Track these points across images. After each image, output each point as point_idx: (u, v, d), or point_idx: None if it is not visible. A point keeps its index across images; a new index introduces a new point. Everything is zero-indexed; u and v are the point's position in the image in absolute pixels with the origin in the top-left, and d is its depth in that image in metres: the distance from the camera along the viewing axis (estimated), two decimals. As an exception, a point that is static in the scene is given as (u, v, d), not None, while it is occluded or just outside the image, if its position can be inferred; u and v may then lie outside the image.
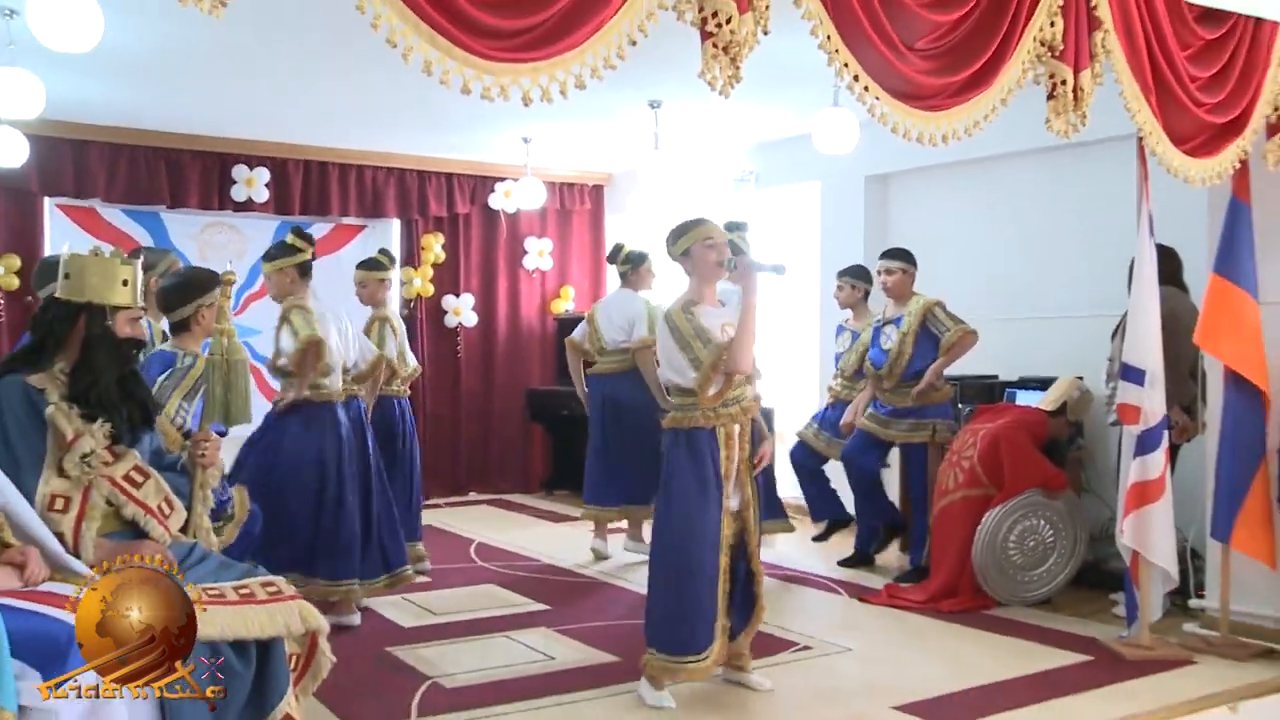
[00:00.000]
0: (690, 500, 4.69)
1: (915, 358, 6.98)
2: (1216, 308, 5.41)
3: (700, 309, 4.80)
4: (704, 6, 3.36)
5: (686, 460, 4.72)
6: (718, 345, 4.65)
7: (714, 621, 4.66)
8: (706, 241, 4.84)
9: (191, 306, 4.94)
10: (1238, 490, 5.36)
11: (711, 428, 4.70)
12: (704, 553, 4.66)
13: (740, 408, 4.76)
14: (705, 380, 4.65)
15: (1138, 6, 4.40)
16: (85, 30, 4.76)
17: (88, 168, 9.12)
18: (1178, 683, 5.00)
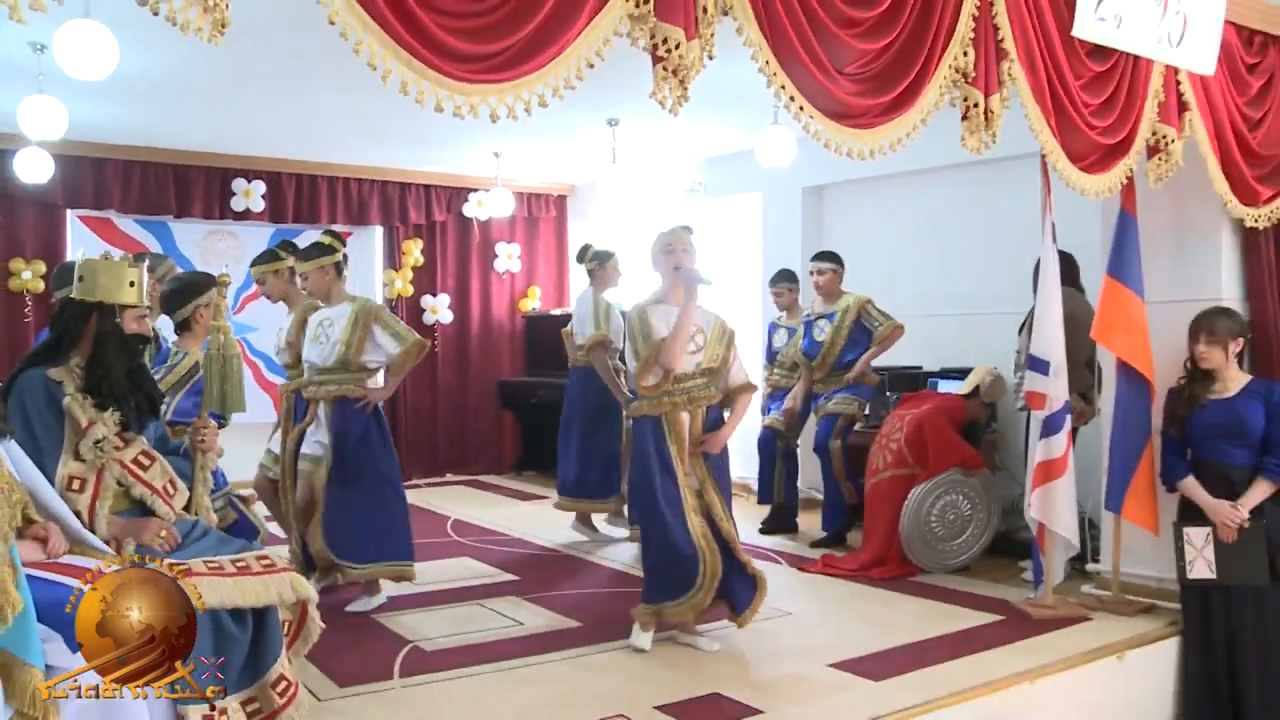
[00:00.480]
0: (648, 479, 4.80)
1: (846, 349, 7.11)
2: (1109, 307, 5.48)
3: (657, 308, 4.90)
4: (655, 33, 3.35)
5: (640, 442, 4.86)
6: (653, 342, 4.75)
7: (696, 567, 4.73)
8: (666, 248, 4.94)
9: (190, 307, 4.92)
10: (1128, 467, 5.42)
11: (657, 415, 4.79)
12: (666, 518, 4.74)
13: (687, 397, 4.81)
14: (640, 372, 4.80)
15: (1038, 41, 4.45)
16: (103, 60, 4.76)
17: (105, 182, 9.09)
18: (1076, 637, 5.07)
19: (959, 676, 4.50)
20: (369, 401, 5.60)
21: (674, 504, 4.76)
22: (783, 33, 3.67)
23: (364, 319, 5.60)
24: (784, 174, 7.65)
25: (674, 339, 4.75)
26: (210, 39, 2.64)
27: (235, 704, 3.28)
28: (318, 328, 5.67)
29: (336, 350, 5.55)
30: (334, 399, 5.58)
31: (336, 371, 5.58)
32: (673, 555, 4.76)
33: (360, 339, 5.58)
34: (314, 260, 5.73)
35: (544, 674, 4.59)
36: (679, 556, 4.74)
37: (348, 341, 5.55)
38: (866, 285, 7.62)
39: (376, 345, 5.62)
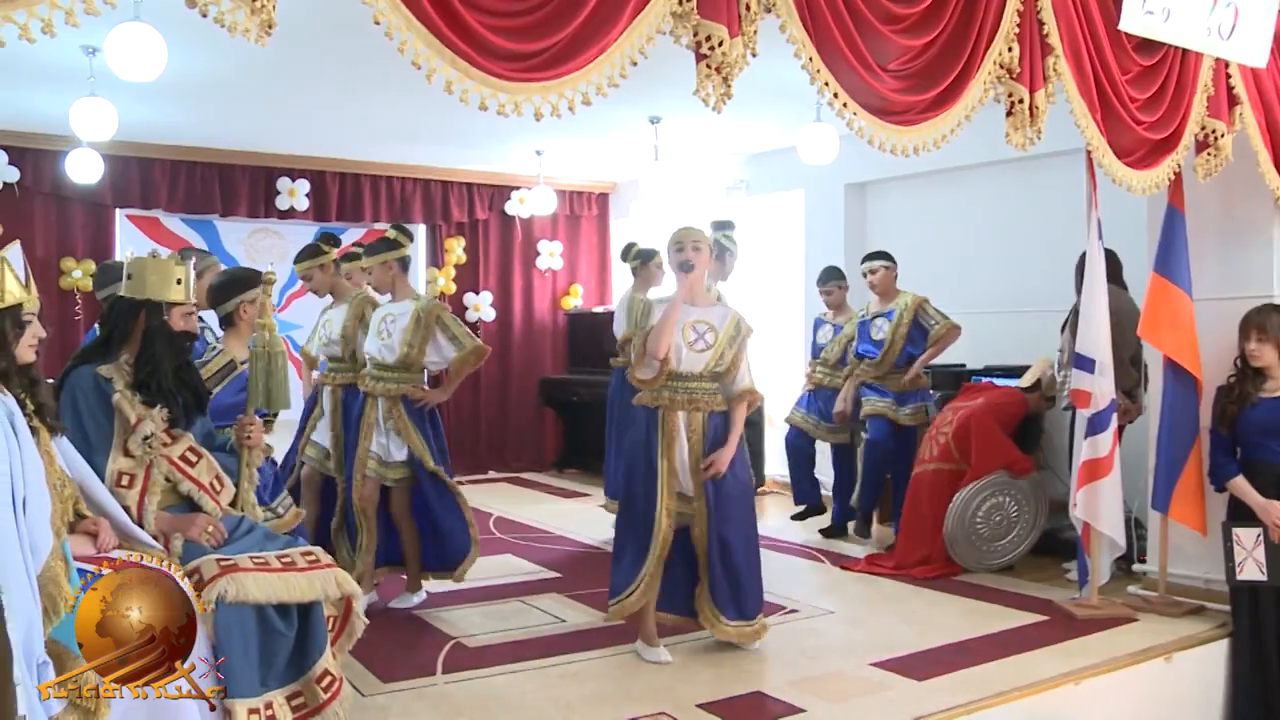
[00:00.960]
0: (632, 471, 4.79)
1: (906, 347, 7.04)
2: (1156, 304, 5.42)
3: (663, 303, 4.84)
4: (698, 31, 3.35)
5: (632, 433, 4.84)
6: (640, 330, 4.75)
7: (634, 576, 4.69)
8: (675, 246, 4.85)
9: (234, 302, 4.92)
10: (1175, 466, 5.37)
11: (655, 407, 4.73)
12: (640, 517, 4.71)
13: (688, 397, 4.70)
14: (635, 364, 4.78)
15: (1084, 35, 4.41)
16: (153, 62, 4.84)
17: (152, 182, 9.23)
18: (1122, 638, 5.02)
19: (1003, 677, 4.47)
20: (427, 403, 5.55)
21: (647, 504, 4.68)
22: (826, 29, 3.66)
23: (426, 320, 5.51)
24: (826, 171, 7.61)
25: (659, 328, 4.65)
26: (257, 39, 2.66)
27: (281, 698, 3.33)
28: (381, 323, 5.58)
29: (400, 350, 5.47)
30: (394, 397, 5.49)
31: (397, 370, 5.49)
32: (620, 555, 4.78)
33: (422, 340, 5.50)
34: (379, 255, 5.68)
35: (586, 671, 4.60)
36: (624, 557, 4.74)
37: (410, 342, 5.46)
38: (910, 282, 7.57)
39: (437, 347, 5.56)
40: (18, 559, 2.62)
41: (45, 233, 8.80)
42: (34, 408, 2.92)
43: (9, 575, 2.54)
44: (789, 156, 7.76)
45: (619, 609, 4.74)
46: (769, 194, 9.72)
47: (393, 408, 5.48)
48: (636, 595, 4.69)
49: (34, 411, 2.92)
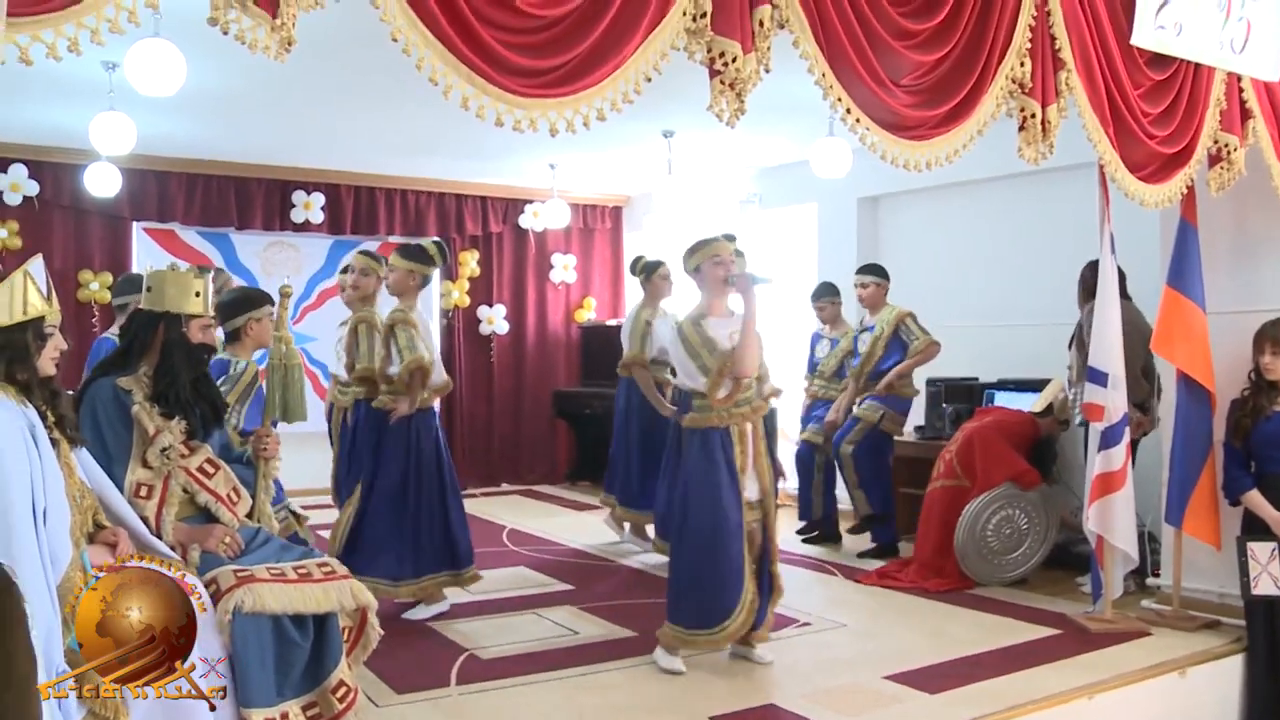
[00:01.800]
0: (710, 491, 4.69)
1: (883, 359, 7.12)
2: (1169, 317, 5.43)
3: (708, 321, 4.82)
4: (712, 47, 3.38)
5: (701, 456, 4.73)
6: (723, 352, 4.68)
7: (737, 598, 4.66)
8: (714, 259, 4.87)
9: (243, 318, 4.95)
10: (1188, 480, 5.36)
11: (725, 427, 4.72)
12: (727, 538, 4.65)
13: (751, 407, 4.78)
14: (714, 385, 4.68)
15: (1096, 50, 4.42)
16: (172, 77, 4.90)
17: (169, 195, 9.30)
18: (1135, 652, 5.01)
19: (1016, 691, 4.46)
20: (398, 415, 5.59)
21: (737, 524, 4.68)
22: (839, 45, 3.69)
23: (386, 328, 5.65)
24: (839, 184, 7.64)
25: (745, 345, 4.66)
26: (277, 56, 2.70)
27: (296, 708, 3.35)
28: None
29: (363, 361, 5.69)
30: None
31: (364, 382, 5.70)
32: (718, 580, 4.66)
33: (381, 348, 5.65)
34: (409, 261, 5.71)
35: (599, 682, 4.61)
36: (724, 583, 4.66)
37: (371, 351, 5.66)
38: (922, 296, 7.59)
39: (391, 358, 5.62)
40: (38, 569, 2.65)
41: (63, 245, 8.87)
42: (54, 419, 2.95)
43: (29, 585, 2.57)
44: (802, 170, 7.79)
45: (729, 633, 4.68)
46: (782, 207, 9.74)
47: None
48: (745, 618, 4.69)
49: (54, 423, 2.95)
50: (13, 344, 2.83)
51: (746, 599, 4.68)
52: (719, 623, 4.66)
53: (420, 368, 5.55)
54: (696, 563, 4.72)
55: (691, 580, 4.73)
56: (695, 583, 4.72)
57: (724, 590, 4.66)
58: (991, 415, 6.73)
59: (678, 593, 4.80)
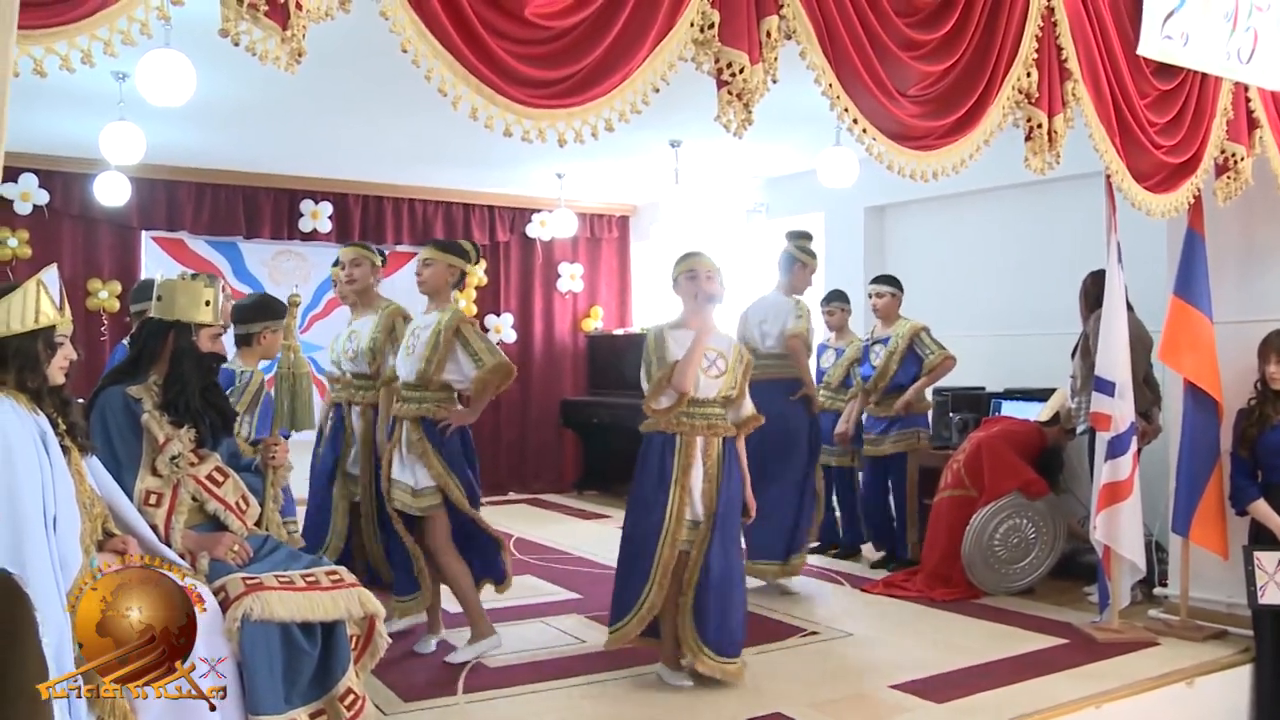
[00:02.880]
0: (638, 492, 4.75)
1: (898, 374, 7.10)
2: (1176, 327, 5.43)
3: (676, 333, 4.81)
4: (720, 58, 3.40)
5: (643, 461, 4.78)
6: (667, 365, 4.69)
7: (635, 600, 4.66)
8: (688, 273, 4.84)
9: (259, 326, 4.96)
10: (1195, 489, 5.36)
11: (671, 433, 4.70)
12: (644, 543, 4.67)
13: (706, 423, 4.69)
14: (651, 394, 4.74)
15: (1102, 60, 4.43)
16: (181, 87, 4.92)
17: (178, 204, 9.36)
18: (1143, 662, 5.01)
19: (1023, 700, 4.46)
20: (450, 425, 5.05)
21: (655, 531, 4.64)
22: (845, 56, 3.70)
23: (446, 333, 5.02)
24: (846, 194, 7.66)
25: (686, 362, 4.63)
26: (287, 67, 2.72)
27: (305, 716, 3.36)
28: (410, 338, 5.18)
29: (419, 366, 5.03)
30: (414, 419, 5.05)
31: (418, 389, 5.05)
32: (622, 579, 4.75)
33: (441, 356, 5.02)
34: (450, 254, 5.23)
35: (607, 692, 4.61)
36: (626, 585, 4.72)
37: (427, 357, 5.02)
38: (928, 305, 7.59)
39: (456, 364, 5.06)
40: (49, 576, 2.66)
41: (72, 254, 8.90)
42: (65, 427, 2.97)
43: (41, 592, 2.58)
44: (809, 180, 7.81)
45: (618, 636, 4.71)
46: (789, 217, 9.73)
47: (413, 430, 5.04)
48: (634, 622, 4.68)
49: (65, 431, 2.97)
50: (23, 352, 2.85)
51: (645, 603, 4.65)
52: (612, 623, 4.75)
53: (509, 373, 5.13)
54: (618, 564, 4.83)
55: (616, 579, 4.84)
56: (616, 582, 4.82)
57: (622, 596, 4.72)
58: (999, 425, 6.74)
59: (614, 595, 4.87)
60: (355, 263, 5.86)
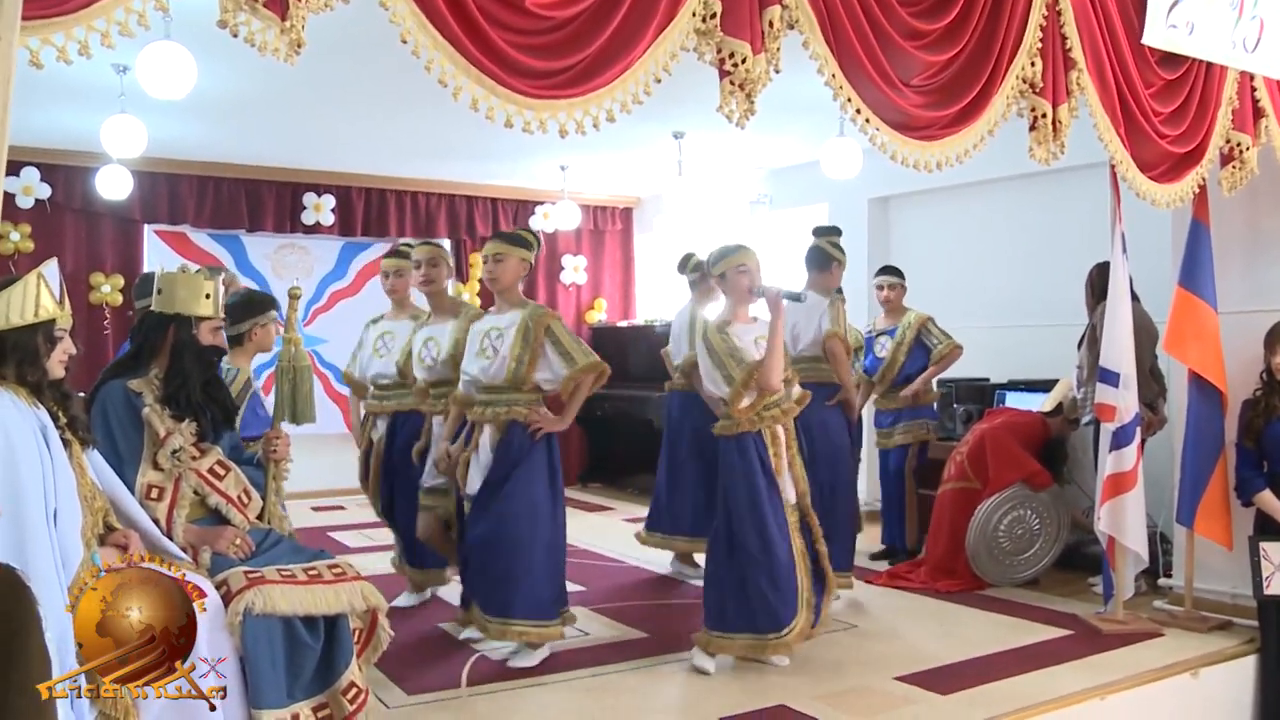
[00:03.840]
0: (752, 496, 4.67)
1: (906, 365, 7.06)
2: (1181, 317, 5.41)
3: (734, 328, 4.83)
4: (722, 48, 3.38)
5: (739, 462, 4.71)
6: (749, 365, 4.67)
7: (794, 602, 4.66)
8: (740, 268, 4.84)
9: (247, 323, 4.86)
10: (1200, 480, 5.35)
11: (757, 430, 4.71)
12: (775, 544, 4.64)
13: (781, 409, 4.76)
14: (737, 395, 4.68)
15: (1107, 49, 4.41)
16: (182, 80, 4.91)
17: (180, 197, 9.32)
18: (1147, 653, 5.00)
19: (1028, 691, 4.45)
20: (541, 429, 4.93)
21: (782, 526, 4.68)
22: (848, 46, 3.68)
23: (535, 331, 4.86)
24: (850, 185, 7.62)
25: (771, 360, 4.62)
26: (286, 58, 2.70)
27: (307, 709, 3.35)
28: (484, 338, 4.97)
29: (508, 367, 4.85)
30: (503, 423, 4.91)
31: (507, 391, 4.89)
32: (774, 587, 4.63)
33: (532, 355, 4.86)
34: (520, 249, 5.02)
35: (611, 684, 4.60)
36: (779, 589, 4.64)
37: (518, 357, 4.85)
38: (933, 296, 7.56)
39: (546, 363, 4.91)
40: (52, 570, 2.66)
41: (75, 248, 8.88)
42: (65, 421, 2.96)
43: (43, 586, 2.58)
44: (812, 171, 7.78)
45: (798, 634, 4.68)
46: (792, 208, 9.72)
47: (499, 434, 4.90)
48: (806, 617, 4.71)
49: (66, 425, 2.96)
50: (23, 345, 2.84)
51: (803, 599, 4.69)
52: (783, 627, 4.65)
53: (603, 372, 4.99)
54: (749, 573, 4.66)
55: (746, 589, 4.67)
56: (751, 591, 4.65)
57: (781, 596, 4.64)
58: (1002, 416, 6.72)
59: (733, 600, 4.71)
60: (433, 263, 5.64)
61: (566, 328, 5.00)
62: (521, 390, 4.86)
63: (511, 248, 4.98)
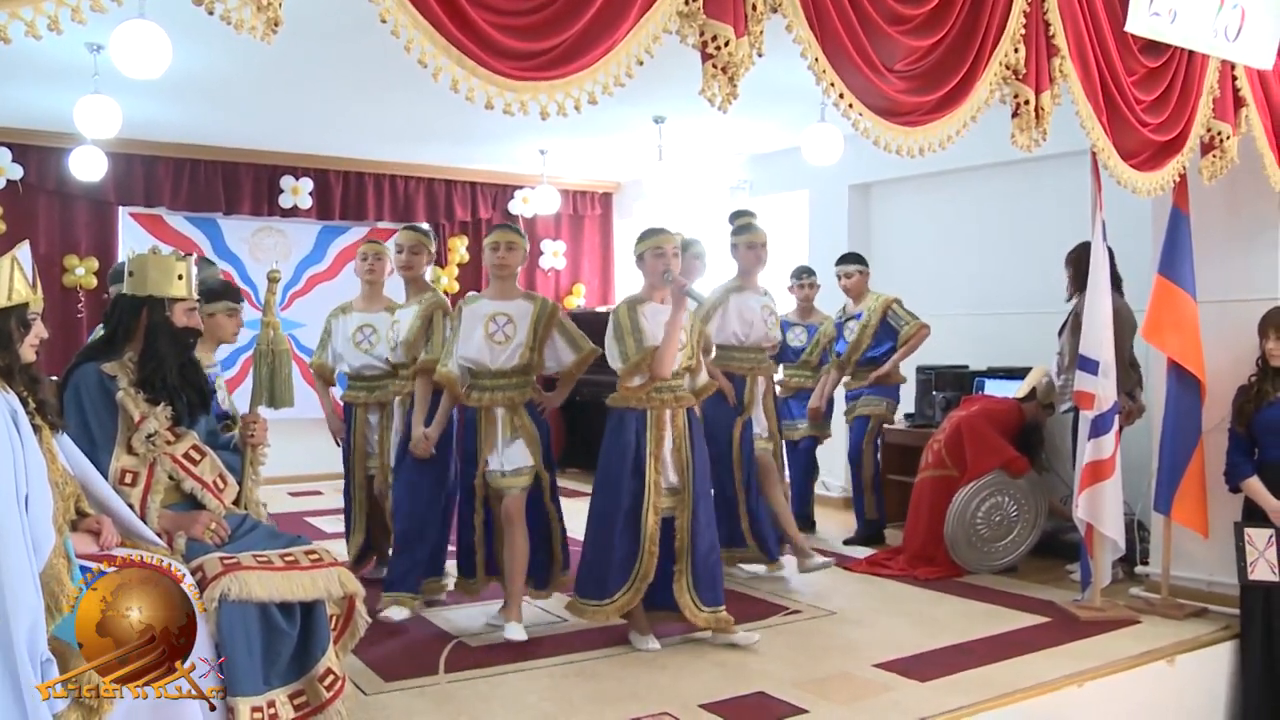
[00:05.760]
0: (613, 473, 4.84)
1: (871, 346, 7.13)
2: (1160, 306, 5.42)
3: (645, 307, 4.91)
4: (705, 31, 3.35)
5: (614, 436, 4.88)
6: (646, 349, 4.78)
7: (623, 579, 4.78)
8: (655, 251, 4.93)
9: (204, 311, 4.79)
10: (1177, 468, 5.37)
11: (641, 409, 4.82)
12: (618, 515, 4.79)
13: (674, 395, 4.85)
14: (627, 373, 4.83)
15: (1090, 37, 4.41)
16: (157, 59, 4.84)
17: (156, 179, 9.25)
18: (1124, 640, 5.02)
19: (1006, 678, 4.46)
20: (546, 407, 5.33)
21: (634, 504, 4.78)
22: (832, 30, 3.66)
23: (547, 321, 5.22)
24: (830, 171, 7.60)
25: (666, 348, 4.75)
26: (263, 37, 2.66)
27: (283, 697, 3.32)
28: (488, 323, 5.11)
29: (521, 354, 5.09)
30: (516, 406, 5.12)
31: (516, 375, 5.12)
32: (605, 560, 4.80)
33: (542, 342, 5.18)
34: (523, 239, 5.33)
35: (589, 670, 4.59)
36: (609, 563, 4.79)
37: (531, 345, 5.12)
38: (913, 282, 7.56)
39: (554, 350, 5.23)
40: (22, 556, 2.61)
41: (48, 230, 8.80)
42: (35, 405, 2.92)
43: (12, 572, 2.54)
44: (793, 157, 7.76)
45: (615, 607, 4.80)
46: (773, 194, 9.70)
47: (514, 416, 5.10)
48: (631, 594, 4.79)
49: (35, 409, 2.92)
50: (-4, 329, 2.79)
51: (639, 572, 4.76)
52: (604, 597, 4.81)
53: (595, 357, 5.22)
54: (594, 538, 4.90)
55: (589, 554, 4.91)
56: (591, 557, 4.89)
57: (609, 569, 4.79)
58: (978, 403, 6.74)
59: (583, 568, 4.97)
60: (415, 250, 5.70)
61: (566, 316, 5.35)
62: (528, 375, 5.15)
63: (519, 237, 5.29)
